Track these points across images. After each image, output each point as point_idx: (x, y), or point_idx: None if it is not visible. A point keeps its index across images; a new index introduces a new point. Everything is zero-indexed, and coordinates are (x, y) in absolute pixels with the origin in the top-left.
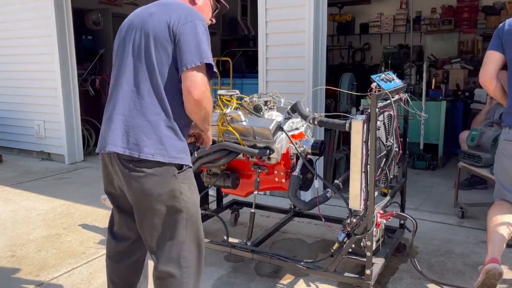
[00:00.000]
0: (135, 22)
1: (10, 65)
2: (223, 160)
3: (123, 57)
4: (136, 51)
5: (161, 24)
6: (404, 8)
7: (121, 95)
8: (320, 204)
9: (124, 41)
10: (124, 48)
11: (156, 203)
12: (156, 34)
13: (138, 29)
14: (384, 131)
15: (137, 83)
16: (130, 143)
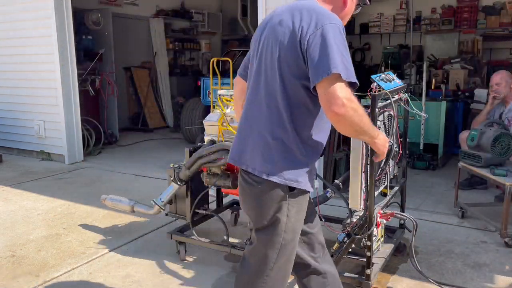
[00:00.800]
0: (266, 31)
1: (10, 65)
2: (223, 160)
3: (258, 68)
4: (268, 62)
5: (288, 32)
6: (404, 8)
7: (257, 109)
8: (320, 204)
9: (258, 50)
10: (257, 57)
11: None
12: (284, 44)
13: (269, 38)
14: (384, 131)
15: (266, 97)
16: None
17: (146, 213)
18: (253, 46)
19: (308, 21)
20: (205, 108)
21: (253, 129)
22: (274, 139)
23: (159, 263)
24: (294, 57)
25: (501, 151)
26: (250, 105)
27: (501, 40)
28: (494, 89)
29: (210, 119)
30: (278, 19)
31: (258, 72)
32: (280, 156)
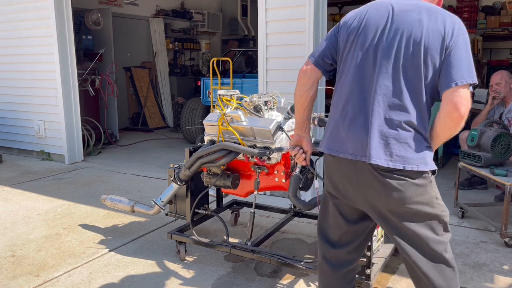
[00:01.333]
0: (398, 26)
1: (10, 65)
2: (223, 160)
3: (374, 60)
4: (401, 57)
5: (434, 34)
6: None
7: (376, 104)
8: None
9: (378, 43)
10: (378, 50)
11: (415, 210)
12: (428, 44)
13: (404, 34)
14: None
15: (398, 93)
16: (393, 156)
17: (146, 213)
18: (364, 37)
19: (451, 25)
20: (205, 108)
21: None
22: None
23: (159, 263)
24: (434, 57)
25: (501, 151)
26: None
27: (501, 40)
28: (494, 89)
29: (210, 119)
30: (414, 16)
31: (377, 65)
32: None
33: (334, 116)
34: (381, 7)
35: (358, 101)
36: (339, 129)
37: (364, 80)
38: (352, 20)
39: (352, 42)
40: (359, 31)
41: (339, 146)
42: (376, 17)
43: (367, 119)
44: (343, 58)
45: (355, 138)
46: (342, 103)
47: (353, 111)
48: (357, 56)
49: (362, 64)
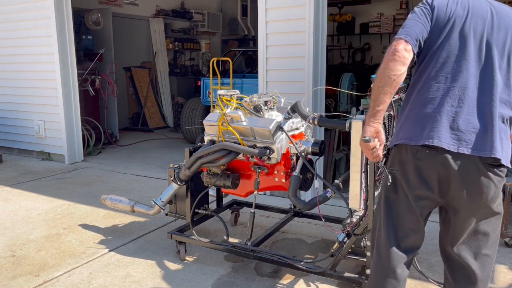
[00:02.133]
0: (501, 23)
1: (10, 65)
2: (223, 160)
3: (488, 53)
4: (510, 54)
5: None
6: (404, 8)
7: (494, 98)
8: (320, 204)
9: (490, 36)
10: (491, 43)
11: (499, 206)
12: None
13: (509, 32)
14: (384, 131)
15: (507, 89)
16: (503, 151)
17: (146, 213)
18: (475, 26)
19: None
20: (205, 108)
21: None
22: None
23: (159, 263)
24: None
25: None
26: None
27: None
28: None
29: (210, 119)
30: (504, 9)
31: (492, 59)
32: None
33: (438, 107)
34: (481, 0)
35: (474, 94)
36: (451, 121)
37: (479, 72)
38: (452, 5)
39: (457, 28)
40: (466, 19)
41: (451, 140)
42: (480, 9)
43: (488, 113)
44: (439, 43)
45: (474, 132)
46: (452, 93)
47: (470, 103)
48: (466, 45)
49: (473, 54)
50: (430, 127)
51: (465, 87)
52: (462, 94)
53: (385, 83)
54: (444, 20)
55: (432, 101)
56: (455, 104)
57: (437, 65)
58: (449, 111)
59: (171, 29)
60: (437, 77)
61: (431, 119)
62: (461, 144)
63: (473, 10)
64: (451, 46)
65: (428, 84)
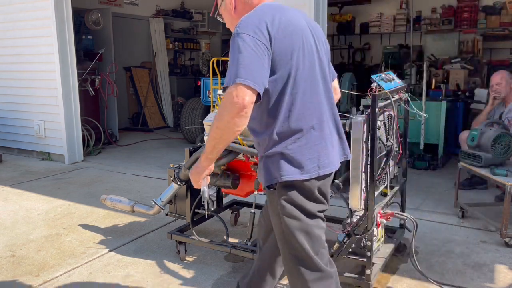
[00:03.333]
0: (314, 32)
1: (10, 65)
2: (223, 160)
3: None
4: (324, 63)
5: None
6: (404, 8)
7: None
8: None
9: (311, 49)
10: (313, 57)
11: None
12: (327, 48)
13: (319, 40)
14: (384, 131)
15: (329, 96)
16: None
17: (146, 213)
18: (303, 45)
19: None
20: (205, 108)
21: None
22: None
23: (159, 263)
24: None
25: (501, 151)
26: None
27: (501, 40)
28: (494, 89)
29: (210, 119)
30: (313, 23)
31: (322, 71)
32: None
33: (307, 132)
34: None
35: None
36: (323, 144)
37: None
38: (286, 26)
39: (300, 52)
40: (304, 40)
41: (328, 162)
42: (298, 22)
43: (335, 128)
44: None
45: (336, 149)
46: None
47: (328, 122)
48: (315, 65)
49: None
50: (302, 158)
51: (323, 109)
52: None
53: (228, 137)
54: (289, 50)
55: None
56: (321, 127)
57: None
58: (317, 134)
59: (171, 29)
60: (293, 102)
61: (303, 147)
62: (333, 164)
63: (303, 30)
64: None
65: (285, 109)
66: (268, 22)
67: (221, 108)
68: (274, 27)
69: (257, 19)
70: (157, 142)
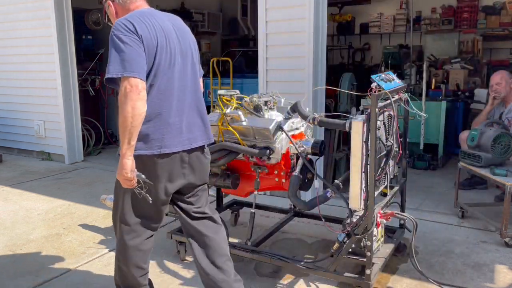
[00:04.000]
0: (179, 35)
1: (10, 65)
2: (223, 160)
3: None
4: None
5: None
6: (404, 8)
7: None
8: (320, 204)
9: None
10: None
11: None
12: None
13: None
14: (384, 131)
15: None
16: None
17: None
18: (174, 46)
19: None
20: None
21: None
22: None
23: (159, 263)
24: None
25: (501, 151)
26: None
27: (501, 40)
28: (494, 89)
29: (210, 119)
30: (181, 27)
31: (185, 68)
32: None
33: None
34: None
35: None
36: (169, 129)
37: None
38: (152, 31)
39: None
40: (168, 41)
41: (170, 144)
42: (169, 29)
43: (199, 116)
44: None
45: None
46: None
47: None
48: (175, 62)
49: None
50: (163, 137)
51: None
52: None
53: (137, 122)
54: (153, 48)
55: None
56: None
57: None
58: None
59: None
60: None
61: (165, 128)
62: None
63: (167, 31)
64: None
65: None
66: (136, 23)
67: (121, 101)
68: (142, 28)
69: (128, 22)
70: None
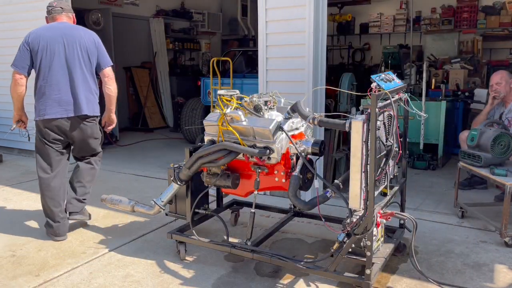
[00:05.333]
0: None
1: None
2: (223, 160)
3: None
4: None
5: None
6: (404, 8)
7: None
8: (320, 204)
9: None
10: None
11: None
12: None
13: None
14: (384, 131)
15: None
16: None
17: (146, 213)
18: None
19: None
20: (205, 108)
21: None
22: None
23: (159, 263)
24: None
25: (501, 151)
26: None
27: (501, 40)
28: (494, 89)
29: (210, 119)
30: (73, 34)
31: (68, 63)
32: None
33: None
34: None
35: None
36: (49, 102)
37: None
38: (38, 40)
39: (46, 53)
40: (47, 46)
41: (50, 112)
42: (55, 38)
43: (72, 96)
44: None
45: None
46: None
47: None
48: (54, 61)
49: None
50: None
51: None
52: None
53: (16, 99)
54: (36, 50)
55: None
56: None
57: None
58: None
59: (171, 29)
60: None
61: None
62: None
63: (50, 39)
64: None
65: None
66: (31, 34)
67: (11, 85)
68: (31, 38)
69: (29, 34)
70: (157, 142)
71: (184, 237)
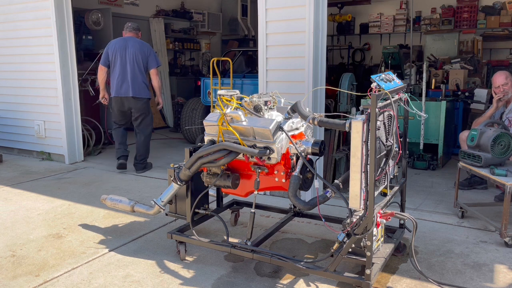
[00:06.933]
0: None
1: (10, 65)
2: (223, 160)
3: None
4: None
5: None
6: (404, 8)
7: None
8: (320, 204)
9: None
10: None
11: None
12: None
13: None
14: (384, 131)
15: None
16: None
17: (146, 213)
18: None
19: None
20: (205, 108)
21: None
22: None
23: (159, 263)
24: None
25: (501, 151)
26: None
27: (501, 40)
28: (502, 90)
29: (210, 119)
30: (135, 45)
31: (129, 62)
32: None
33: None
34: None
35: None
36: (119, 85)
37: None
38: (113, 46)
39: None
40: (119, 50)
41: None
42: (121, 44)
43: (131, 82)
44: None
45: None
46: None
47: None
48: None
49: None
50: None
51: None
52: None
53: (101, 82)
54: (111, 52)
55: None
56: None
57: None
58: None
59: (171, 29)
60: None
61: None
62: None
63: (118, 45)
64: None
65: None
66: (110, 43)
67: (98, 73)
68: (109, 45)
69: (109, 42)
70: (157, 142)
71: (184, 237)
